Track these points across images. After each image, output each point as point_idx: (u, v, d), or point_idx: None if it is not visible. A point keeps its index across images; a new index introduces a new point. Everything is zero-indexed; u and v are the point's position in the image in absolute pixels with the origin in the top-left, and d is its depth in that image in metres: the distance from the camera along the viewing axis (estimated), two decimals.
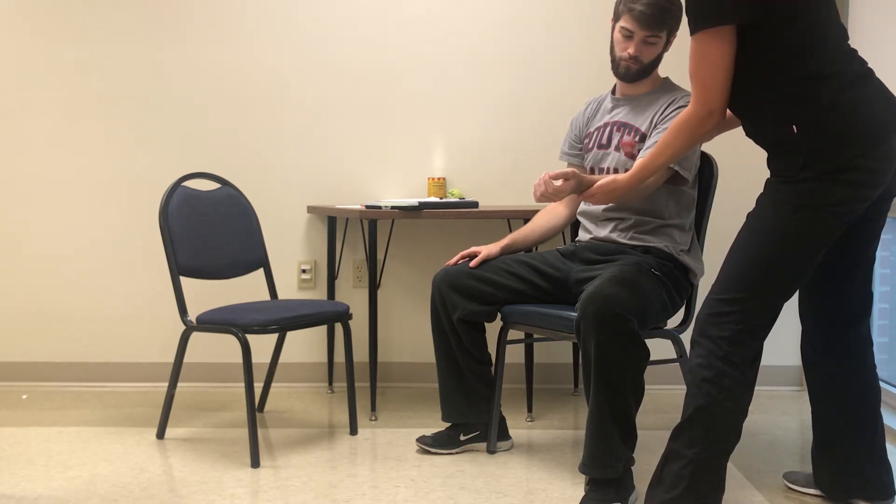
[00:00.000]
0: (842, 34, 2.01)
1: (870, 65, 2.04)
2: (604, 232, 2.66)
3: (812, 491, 2.38)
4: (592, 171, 2.73)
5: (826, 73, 1.94)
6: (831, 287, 2.21)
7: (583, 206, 2.76)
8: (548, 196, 2.38)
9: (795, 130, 1.95)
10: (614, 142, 2.67)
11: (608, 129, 2.71)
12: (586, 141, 2.78)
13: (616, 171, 2.64)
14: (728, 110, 2.07)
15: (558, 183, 2.35)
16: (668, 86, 2.70)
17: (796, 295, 2.29)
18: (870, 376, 2.22)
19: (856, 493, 2.24)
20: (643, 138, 2.61)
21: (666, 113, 2.59)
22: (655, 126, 2.60)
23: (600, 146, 2.71)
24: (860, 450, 2.21)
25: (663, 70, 2.71)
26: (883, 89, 2.01)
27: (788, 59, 1.95)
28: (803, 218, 1.96)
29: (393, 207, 3.08)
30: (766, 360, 3.55)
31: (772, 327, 2.04)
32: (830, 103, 1.93)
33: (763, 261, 2.00)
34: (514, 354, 3.42)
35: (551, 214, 2.83)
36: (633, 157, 2.61)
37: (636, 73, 2.63)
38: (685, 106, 2.50)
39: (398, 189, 3.63)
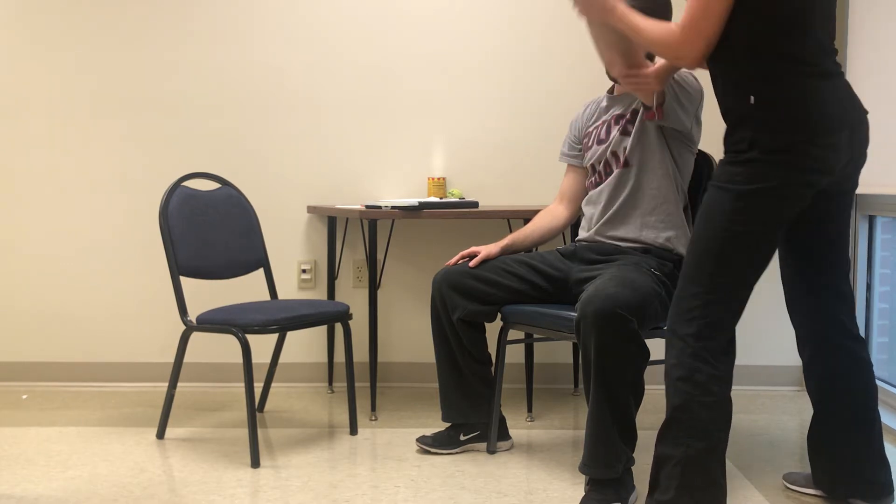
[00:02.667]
0: (830, 33, 2.03)
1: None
2: None
3: (812, 491, 2.38)
4: (593, 168, 2.73)
5: (800, 57, 1.97)
6: (810, 297, 2.23)
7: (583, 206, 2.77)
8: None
9: (752, 101, 1.97)
10: (613, 133, 2.67)
11: (606, 125, 2.71)
12: (586, 141, 2.78)
13: (614, 153, 2.64)
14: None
15: None
16: None
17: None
18: (866, 375, 2.22)
19: (855, 492, 2.24)
20: (635, 112, 2.61)
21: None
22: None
23: (599, 142, 2.71)
24: (859, 449, 2.22)
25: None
26: (850, 92, 2.04)
27: (771, 35, 1.97)
28: (746, 204, 1.96)
29: (393, 207, 3.08)
30: (766, 360, 3.60)
31: (739, 317, 2.04)
32: (791, 85, 1.96)
33: (712, 252, 2.00)
34: (514, 354, 3.42)
35: (552, 215, 2.83)
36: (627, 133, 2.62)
37: None
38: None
39: (398, 189, 3.63)
